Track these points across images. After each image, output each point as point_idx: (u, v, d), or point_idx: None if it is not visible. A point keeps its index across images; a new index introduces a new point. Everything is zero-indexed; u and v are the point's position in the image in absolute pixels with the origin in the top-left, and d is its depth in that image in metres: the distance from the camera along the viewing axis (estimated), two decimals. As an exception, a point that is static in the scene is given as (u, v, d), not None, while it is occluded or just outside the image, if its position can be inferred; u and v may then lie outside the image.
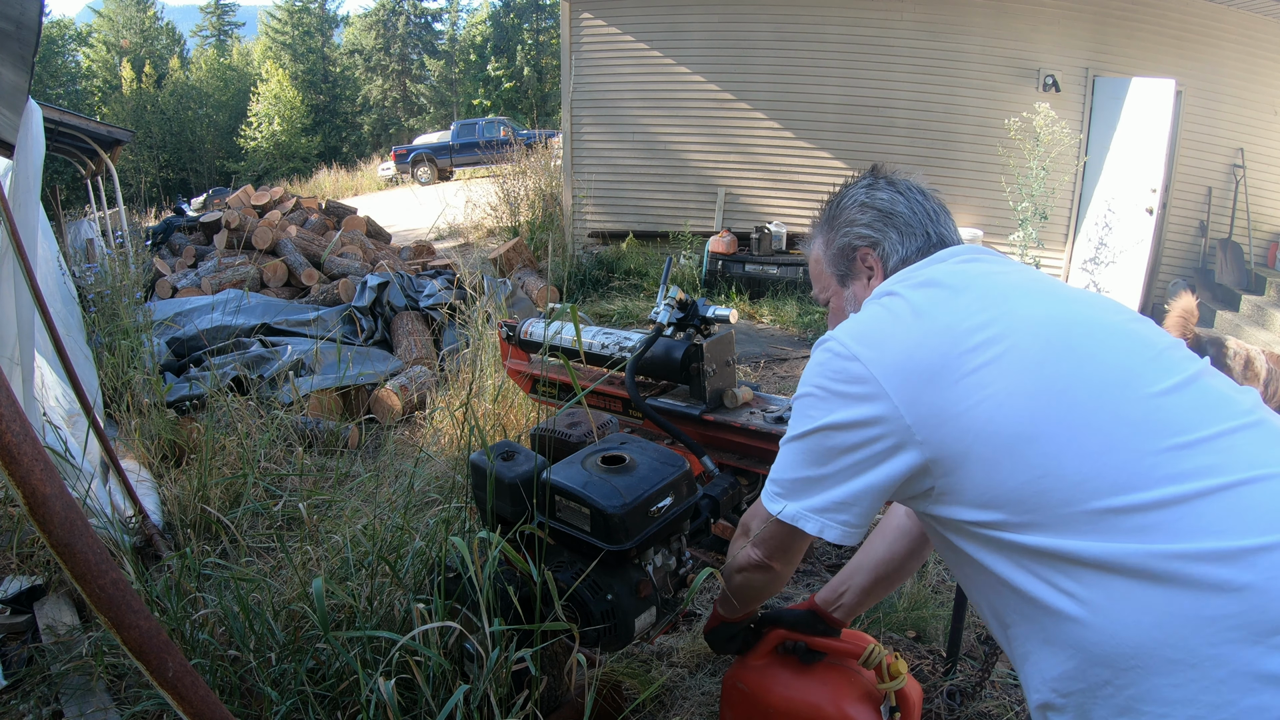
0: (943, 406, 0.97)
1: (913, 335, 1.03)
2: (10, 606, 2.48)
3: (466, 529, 1.91)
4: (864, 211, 1.24)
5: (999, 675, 2.16)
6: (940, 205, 1.25)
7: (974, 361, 0.97)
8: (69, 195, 15.57)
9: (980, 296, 1.05)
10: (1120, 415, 0.91)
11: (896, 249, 1.21)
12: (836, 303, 1.30)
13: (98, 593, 0.90)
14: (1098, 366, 0.95)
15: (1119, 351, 0.98)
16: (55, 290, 3.89)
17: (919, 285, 1.10)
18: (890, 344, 1.03)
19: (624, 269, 8.00)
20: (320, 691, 1.62)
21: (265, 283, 7.75)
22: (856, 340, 1.06)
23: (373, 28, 35.32)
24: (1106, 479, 0.88)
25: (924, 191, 1.25)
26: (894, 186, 1.25)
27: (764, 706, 1.42)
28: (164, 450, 3.49)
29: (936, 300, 1.07)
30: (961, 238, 1.24)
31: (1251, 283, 6.98)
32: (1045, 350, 0.97)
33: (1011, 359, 0.96)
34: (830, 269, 1.29)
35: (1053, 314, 1.02)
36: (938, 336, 1.01)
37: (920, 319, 1.04)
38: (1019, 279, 1.10)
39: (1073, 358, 0.96)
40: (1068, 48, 7.31)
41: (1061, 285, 1.14)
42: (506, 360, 3.12)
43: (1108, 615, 0.87)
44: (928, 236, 1.21)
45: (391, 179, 21.61)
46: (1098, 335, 1.00)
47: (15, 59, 2.36)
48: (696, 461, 2.24)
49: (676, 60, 8.31)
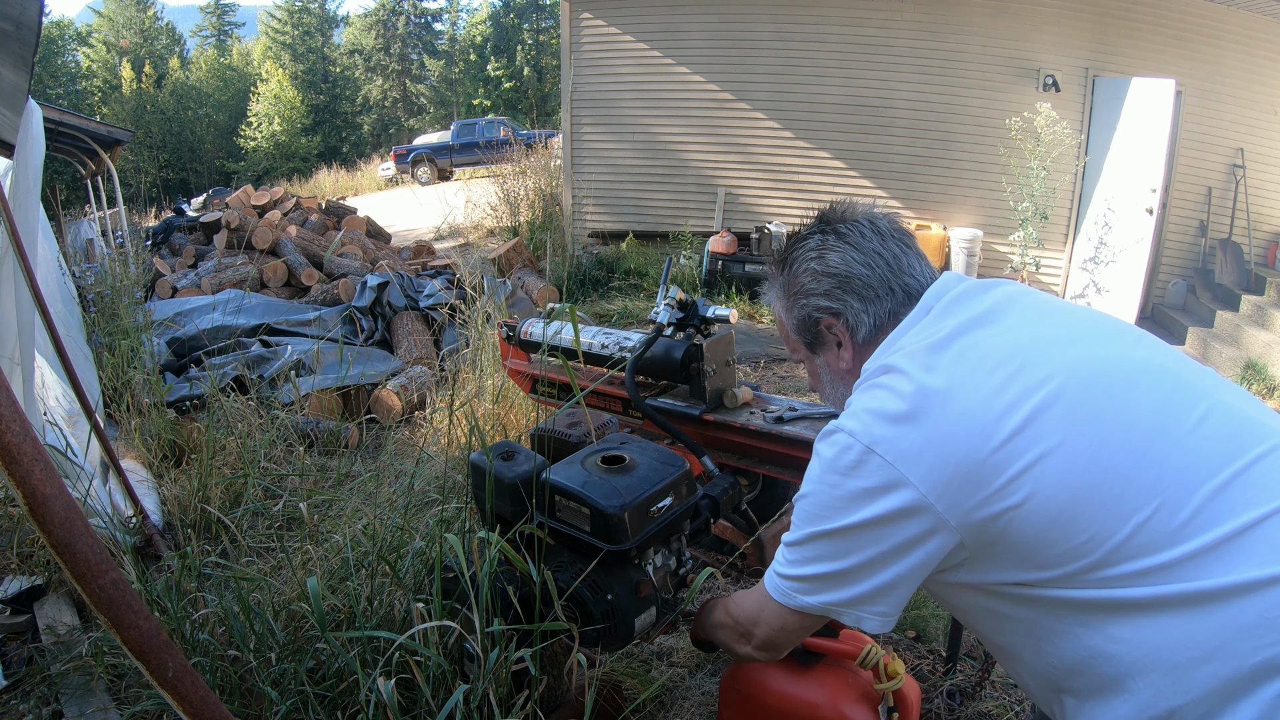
0: (983, 500, 0.91)
1: (937, 423, 0.94)
2: (10, 606, 2.48)
3: (466, 529, 1.91)
4: (817, 280, 1.13)
5: (999, 675, 2.16)
6: (901, 243, 1.13)
7: (1014, 451, 0.91)
8: (69, 195, 15.58)
9: (1000, 356, 0.97)
10: (1165, 469, 0.89)
11: (862, 319, 1.11)
12: (810, 366, 1.24)
13: (98, 593, 0.90)
14: (1135, 417, 0.92)
15: (1150, 394, 0.94)
16: (55, 290, 3.89)
17: (922, 354, 1.01)
18: (912, 434, 0.95)
19: (624, 269, 8.00)
20: (320, 691, 1.62)
21: (265, 283, 7.75)
22: (869, 432, 0.97)
23: (373, 28, 35.32)
24: (1154, 538, 0.87)
25: (880, 232, 1.13)
26: (845, 240, 1.12)
27: (762, 707, 1.42)
28: (164, 450, 3.49)
29: (951, 373, 0.97)
30: (931, 267, 1.15)
31: (1251, 283, 6.97)
32: (1086, 416, 0.92)
33: (1053, 433, 0.91)
34: (795, 335, 1.21)
35: (1080, 359, 0.97)
36: (967, 422, 0.93)
37: (939, 401, 0.95)
38: (1020, 316, 1.04)
39: (1111, 413, 0.92)
40: (1068, 48, 7.31)
41: (1062, 308, 1.09)
42: (506, 360, 3.12)
43: (1158, 649, 0.87)
44: (893, 294, 1.11)
45: (391, 179, 21.61)
46: (1126, 380, 0.96)
47: (15, 59, 2.36)
48: (696, 461, 2.24)
49: (676, 60, 8.31)
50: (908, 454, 0.94)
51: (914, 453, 0.94)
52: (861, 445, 0.97)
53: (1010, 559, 0.93)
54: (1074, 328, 1.04)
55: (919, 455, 0.93)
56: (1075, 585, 0.90)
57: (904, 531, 0.95)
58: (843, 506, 0.98)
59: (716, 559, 2.61)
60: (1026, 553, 0.91)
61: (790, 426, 2.28)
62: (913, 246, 1.14)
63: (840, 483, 0.98)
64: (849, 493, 0.97)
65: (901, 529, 0.95)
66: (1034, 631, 0.97)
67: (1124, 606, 0.88)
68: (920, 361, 1.00)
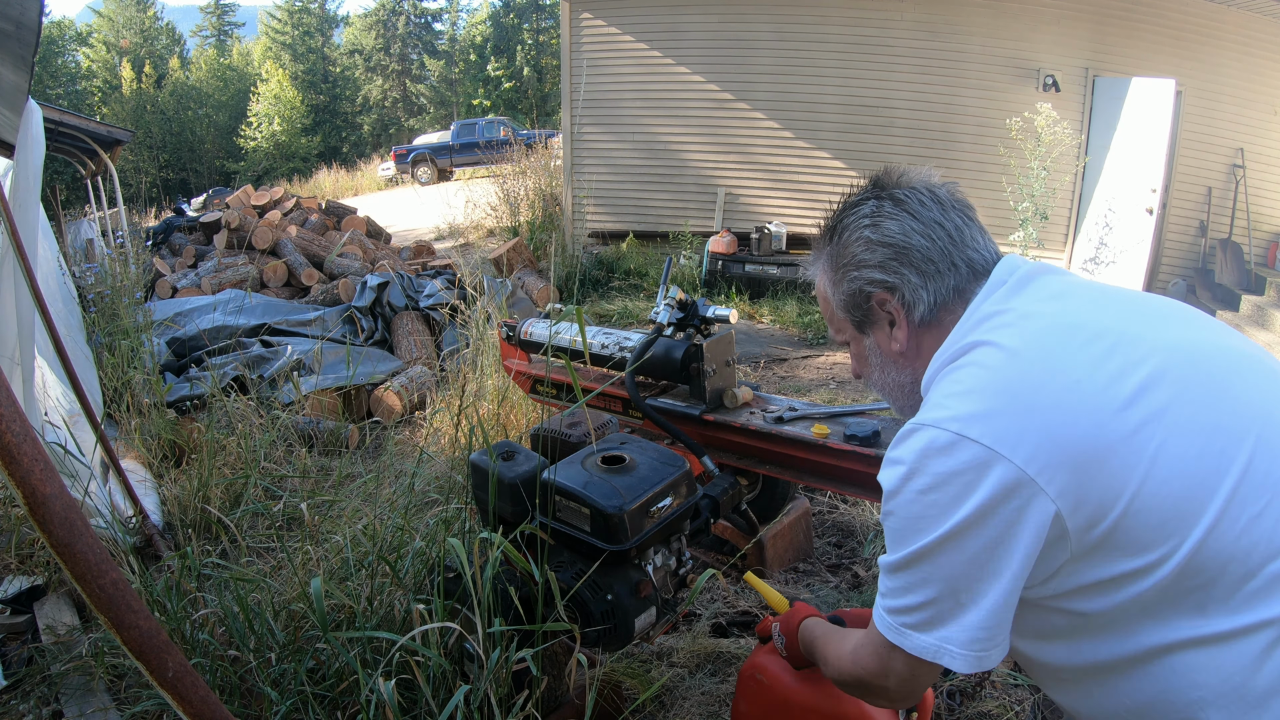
0: (1093, 482, 0.82)
1: (1039, 396, 0.84)
2: (10, 606, 2.48)
3: (466, 529, 1.91)
4: (871, 250, 1.01)
5: (999, 675, 2.16)
6: (962, 214, 1.02)
7: (1130, 423, 0.82)
8: (69, 195, 15.59)
9: (1093, 329, 0.89)
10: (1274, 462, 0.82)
11: (920, 295, 0.99)
12: (856, 348, 1.11)
13: (98, 593, 0.90)
14: (1246, 405, 0.85)
15: (1254, 383, 0.88)
16: (55, 290, 3.89)
17: (1009, 327, 0.91)
18: (1008, 413, 0.84)
19: (624, 269, 8.00)
20: (320, 691, 1.62)
21: (265, 283, 7.75)
22: (958, 417, 0.86)
23: (373, 28, 35.32)
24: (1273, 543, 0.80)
25: (940, 200, 1.01)
26: (903, 207, 1.01)
27: (782, 699, 1.40)
28: (164, 450, 3.49)
29: (1043, 344, 0.88)
30: (994, 243, 1.04)
31: (1251, 283, 6.97)
32: (1195, 399, 0.84)
33: (1164, 412, 0.83)
34: (842, 312, 1.08)
35: (1178, 341, 0.90)
36: (1072, 398, 0.83)
37: (1037, 375, 0.86)
38: (1100, 295, 0.97)
39: (1219, 396, 0.85)
40: (1068, 48, 7.31)
41: (1138, 295, 1.01)
42: (507, 360, 3.12)
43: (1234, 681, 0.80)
44: (956, 269, 0.99)
45: (391, 179, 21.62)
46: (1229, 366, 0.89)
47: (15, 59, 2.36)
48: (696, 461, 2.24)
49: (676, 60, 8.31)
50: (1006, 435, 0.83)
51: (1015, 431, 0.83)
52: (951, 434, 0.85)
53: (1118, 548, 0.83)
54: (1160, 311, 0.97)
55: (1020, 433, 0.83)
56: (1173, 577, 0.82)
57: (1005, 514, 0.83)
58: (937, 513, 0.86)
59: (717, 559, 2.61)
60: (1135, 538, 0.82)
61: (790, 426, 2.28)
62: (974, 219, 1.03)
63: (933, 485, 0.86)
64: (945, 494, 0.85)
65: (1002, 512, 0.83)
66: (1103, 663, 0.89)
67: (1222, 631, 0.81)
68: (1008, 333, 0.90)
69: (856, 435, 2.11)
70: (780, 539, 2.66)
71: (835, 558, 2.82)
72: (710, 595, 2.53)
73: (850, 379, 5.16)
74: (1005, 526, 0.83)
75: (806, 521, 2.78)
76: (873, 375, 1.10)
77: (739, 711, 1.48)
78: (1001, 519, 0.83)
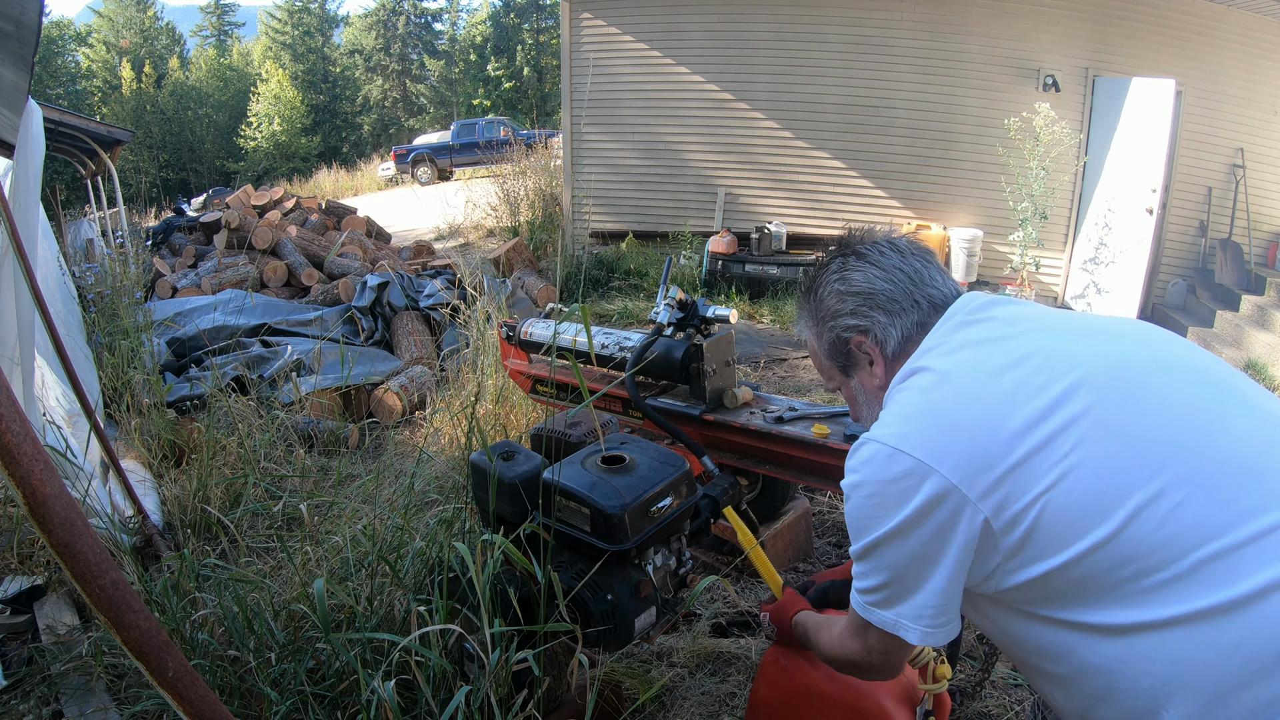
0: (1010, 489, 0.92)
1: (958, 413, 0.97)
2: (10, 606, 2.48)
3: (466, 530, 1.91)
4: (842, 300, 1.16)
5: (999, 675, 2.16)
6: (921, 259, 1.16)
7: (1038, 433, 0.92)
8: (69, 195, 15.59)
9: (1024, 350, 1.00)
10: (1201, 459, 0.89)
11: (890, 332, 1.14)
12: (846, 392, 1.25)
13: (98, 593, 0.90)
14: (1169, 408, 0.93)
15: (1183, 387, 0.95)
16: (55, 290, 3.89)
17: (945, 353, 1.04)
18: (935, 426, 0.98)
19: (624, 269, 8.00)
20: (320, 692, 1.62)
21: (265, 283, 7.75)
22: (895, 433, 1.00)
23: (373, 28, 35.31)
24: (1201, 530, 0.86)
25: (899, 249, 1.17)
26: (866, 260, 1.16)
27: (803, 687, 1.41)
28: (164, 450, 3.49)
29: (972, 366, 1.01)
30: (954, 282, 1.18)
31: (1252, 283, 6.97)
32: (1115, 401, 0.93)
33: (1080, 418, 0.92)
34: (829, 360, 1.23)
35: (1106, 353, 0.99)
36: (988, 409, 0.96)
37: (960, 391, 0.99)
38: (1046, 319, 1.07)
39: (1141, 400, 0.93)
40: (1068, 48, 7.31)
41: (1089, 318, 1.12)
42: (507, 360, 3.12)
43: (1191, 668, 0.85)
44: (918, 305, 1.13)
45: (391, 179, 21.61)
46: (1158, 370, 0.97)
47: (15, 59, 2.36)
48: (696, 461, 2.24)
49: (676, 60, 8.31)
50: (934, 447, 0.96)
51: (940, 445, 0.96)
52: (889, 448, 0.99)
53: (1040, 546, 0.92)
54: (1101, 330, 1.06)
55: (945, 447, 0.95)
56: (1104, 569, 0.89)
57: (938, 518, 0.96)
58: (882, 514, 1.00)
59: (717, 559, 2.61)
60: (1053, 537, 0.91)
61: (790, 426, 2.28)
62: (933, 262, 1.17)
63: (876, 491, 1.00)
64: (886, 498, 0.99)
65: (935, 517, 0.96)
66: (1060, 654, 0.96)
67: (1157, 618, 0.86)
68: (943, 360, 1.03)
69: (856, 435, 2.11)
70: (780, 539, 2.66)
71: (835, 558, 2.82)
72: (710, 595, 2.53)
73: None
74: (938, 527, 0.96)
75: (806, 521, 2.78)
76: (862, 413, 1.23)
77: (758, 695, 1.47)
78: (935, 521, 0.96)
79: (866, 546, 1.03)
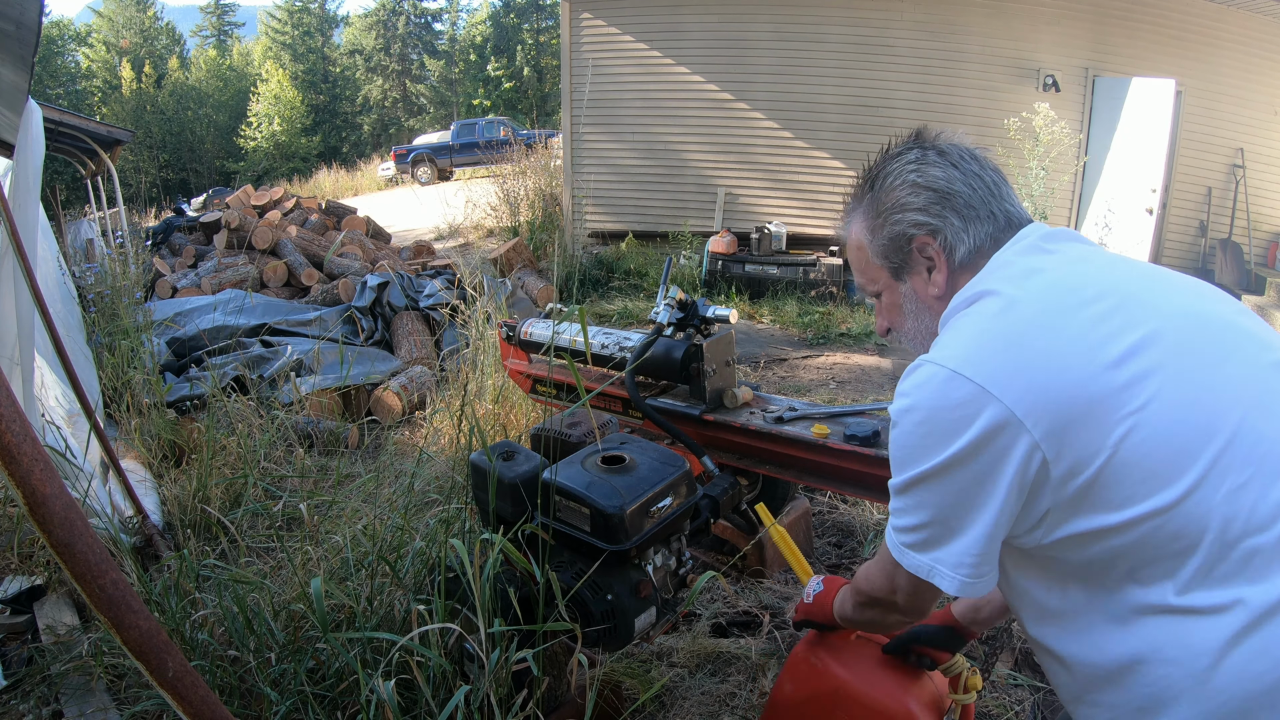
0: (1078, 433, 0.85)
1: (1035, 344, 0.89)
2: (10, 606, 2.48)
3: (466, 529, 1.91)
4: (916, 193, 1.04)
5: (999, 675, 2.16)
6: (998, 173, 1.07)
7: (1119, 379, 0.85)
8: (69, 195, 15.57)
9: (1100, 288, 0.92)
10: (1262, 440, 0.84)
11: (962, 238, 1.03)
12: (890, 298, 1.12)
13: (98, 593, 0.90)
14: (1240, 378, 0.88)
15: (1253, 358, 0.90)
16: (55, 290, 3.89)
17: (1018, 279, 0.96)
18: (1003, 355, 0.89)
19: (624, 269, 8.00)
20: (320, 691, 1.62)
21: (265, 283, 7.74)
22: (956, 355, 0.91)
23: (373, 28, 35.31)
24: (1261, 516, 0.82)
25: (978, 159, 1.07)
26: (946, 158, 1.05)
27: (831, 685, 1.38)
28: (164, 450, 3.49)
29: (1047, 298, 0.92)
30: (1025, 209, 1.09)
31: (1251, 283, 6.98)
32: (1195, 364, 0.87)
33: (1157, 372, 0.85)
34: (879, 260, 1.10)
35: (1183, 309, 0.92)
36: (1066, 349, 0.87)
37: (1038, 322, 0.90)
38: (1117, 260, 1.00)
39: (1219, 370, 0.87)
40: (1067, 48, 7.31)
41: (1163, 270, 1.03)
42: (506, 360, 3.12)
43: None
44: (994, 217, 1.03)
45: (391, 179, 21.61)
46: (1230, 339, 0.91)
47: (15, 59, 2.36)
48: (696, 461, 2.24)
49: (676, 60, 8.31)
50: (1000, 375, 0.87)
51: (1006, 373, 0.87)
52: (948, 370, 0.90)
53: (1097, 500, 0.86)
54: (1179, 283, 0.99)
55: (1012, 376, 0.87)
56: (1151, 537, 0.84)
57: (993, 453, 0.87)
58: (931, 444, 0.91)
59: (717, 559, 2.61)
60: (1112, 495, 0.85)
61: (790, 426, 2.28)
62: (1007, 181, 1.09)
63: (928, 417, 0.91)
64: (938, 425, 0.90)
65: (990, 451, 0.88)
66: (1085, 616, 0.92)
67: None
68: (1013, 285, 0.95)
69: (856, 435, 2.11)
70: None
71: (835, 558, 2.82)
72: (710, 595, 2.53)
73: (850, 379, 5.16)
74: (991, 463, 0.88)
75: (806, 521, 2.78)
76: (905, 324, 1.13)
77: (782, 692, 1.45)
78: (989, 456, 0.88)
79: (909, 481, 0.94)
